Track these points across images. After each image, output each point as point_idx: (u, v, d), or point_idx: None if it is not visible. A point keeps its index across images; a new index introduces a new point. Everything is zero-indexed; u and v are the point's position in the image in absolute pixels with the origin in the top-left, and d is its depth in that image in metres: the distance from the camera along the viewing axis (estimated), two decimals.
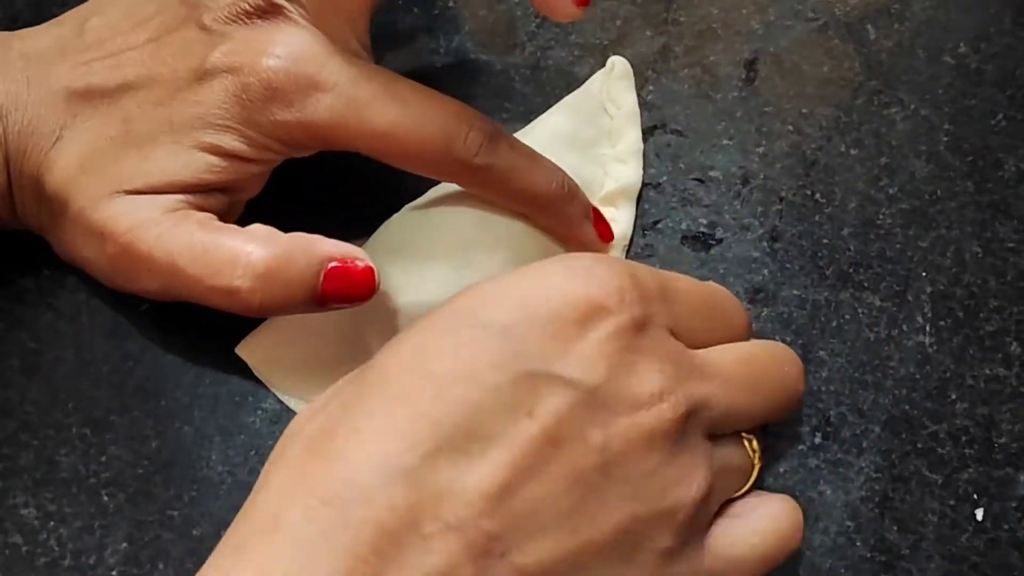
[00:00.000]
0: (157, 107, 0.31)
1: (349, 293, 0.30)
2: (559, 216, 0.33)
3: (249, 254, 0.29)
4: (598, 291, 0.25)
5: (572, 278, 0.26)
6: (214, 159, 0.31)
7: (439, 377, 0.24)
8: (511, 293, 0.26)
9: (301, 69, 0.30)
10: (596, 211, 0.35)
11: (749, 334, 0.31)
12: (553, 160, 0.36)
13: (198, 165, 0.31)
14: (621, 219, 0.36)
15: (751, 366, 0.29)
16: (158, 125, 0.31)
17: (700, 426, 0.26)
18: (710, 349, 0.28)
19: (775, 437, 0.33)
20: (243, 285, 0.29)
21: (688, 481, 0.25)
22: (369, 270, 0.30)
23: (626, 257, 0.36)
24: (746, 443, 0.28)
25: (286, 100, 0.30)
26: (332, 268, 0.30)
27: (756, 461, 0.29)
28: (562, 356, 0.25)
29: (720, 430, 0.27)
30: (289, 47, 0.30)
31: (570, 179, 0.33)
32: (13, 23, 0.40)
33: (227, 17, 0.31)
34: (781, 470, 0.33)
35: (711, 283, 0.30)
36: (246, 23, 0.31)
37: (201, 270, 0.30)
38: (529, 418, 0.24)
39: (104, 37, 0.32)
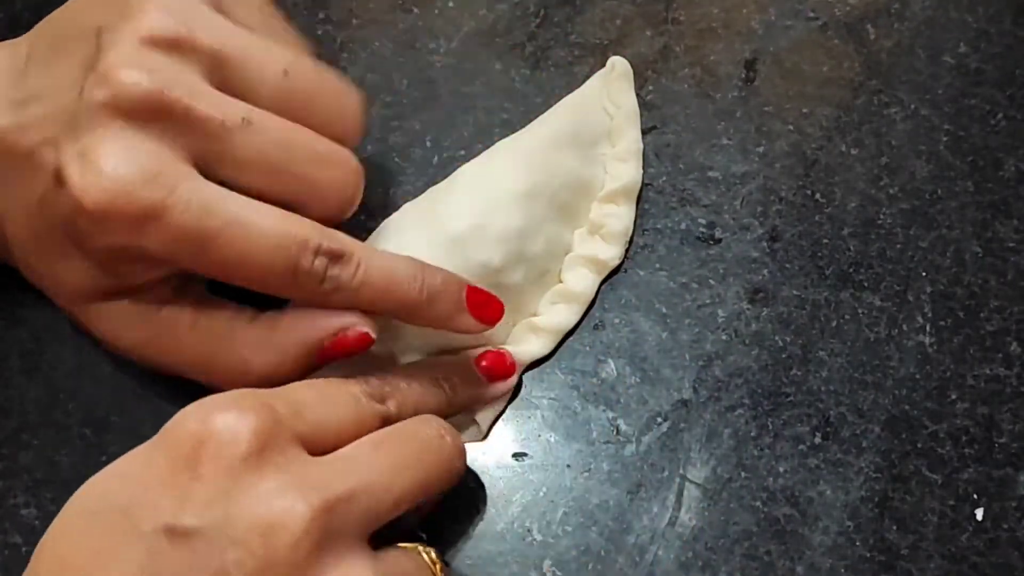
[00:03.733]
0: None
1: (344, 356, 0.30)
2: (429, 319, 0.31)
3: (247, 362, 0.30)
4: (197, 431, 0.25)
5: (175, 425, 0.26)
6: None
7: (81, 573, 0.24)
8: (113, 471, 0.26)
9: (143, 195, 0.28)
10: (472, 290, 0.32)
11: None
12: (553, 160, 0.36)
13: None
14: (621, 218, 0.36)
15: (387, 446, 0.27)
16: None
17: (350, 532, 0.25)
18: (345, 448, 0.27)
19: (775, 437, 0.33)
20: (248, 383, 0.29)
21: None
22: (361, 337, 0.30)
23: (625, 257, 0.36)
24: (423, 554, 0.28)
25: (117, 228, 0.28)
26: (327, 346, 0.30)
27: (438, 572, 0.28)
28: (180, 505, 0.24)
29: (380, 526, 0.26)
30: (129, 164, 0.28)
31: (431, 277, 0.31)
32: (13, 23, 0.40)
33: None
34: (781, 470, 0.33)
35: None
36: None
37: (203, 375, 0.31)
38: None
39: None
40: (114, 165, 0.27)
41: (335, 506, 0.24)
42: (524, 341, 0.35)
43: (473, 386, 0.32)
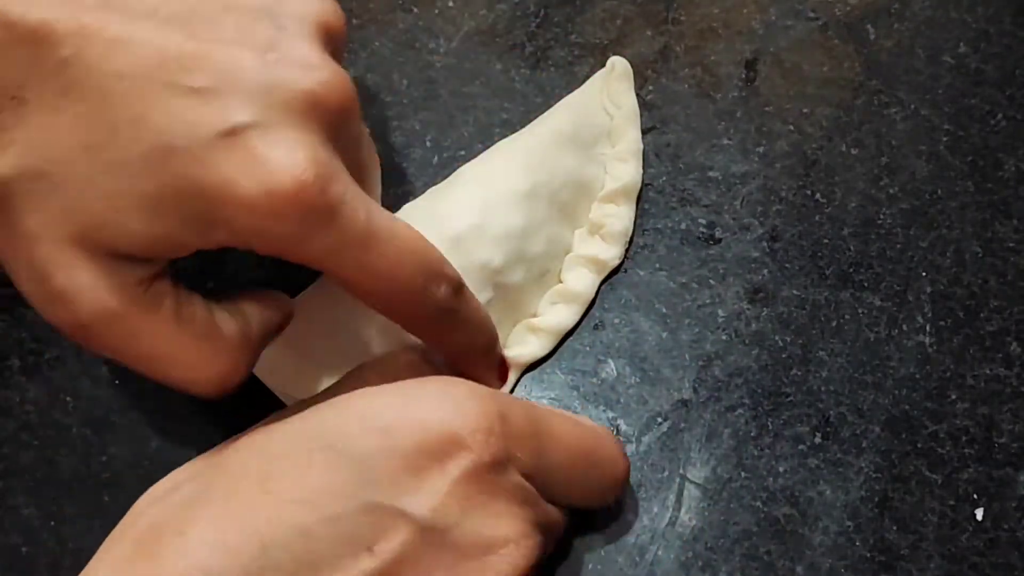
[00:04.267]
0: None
1: None
2: (477, 366, 0.32)
3: (210, 364, 0.27)
4: (463, 426, 0.25)
5: (439, 409, 0.25)
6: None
7: (278, 497, 0.23)
8: (374, 420, 0.25)
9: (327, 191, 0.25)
10: (502, 358, 0.34)
11: (626, 481, 0.30)
12: (553, 160, 0.36)
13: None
14: (621, 218, 0.36)
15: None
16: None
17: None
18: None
19: (775, 437, 0.33)
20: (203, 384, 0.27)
21: None
22: None
23: (625, 257, 0.36)
24: None
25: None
26: None
27: None
28: (413, 491, 0.24)
29: None
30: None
31: (495, 335, 0.32)
32: None
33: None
34: (781, 470, 0.33)
35: (595, 428, 0.30)
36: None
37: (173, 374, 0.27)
38: (368, 554, 0.23)
39: None
40: (308, 154, 0.24)
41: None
42: (524, 341, 0.35)
43: None
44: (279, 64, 0.25)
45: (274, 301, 0.30)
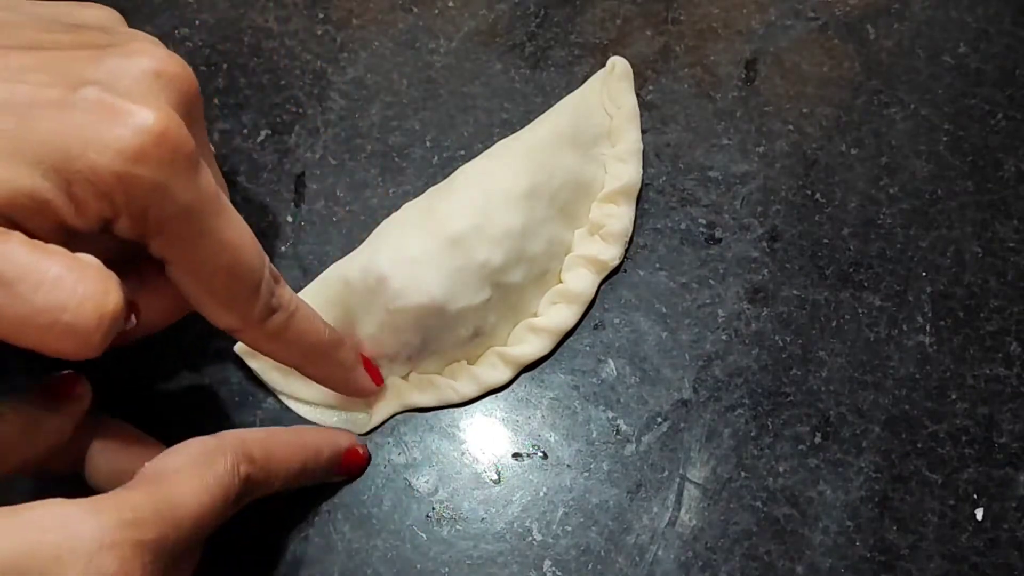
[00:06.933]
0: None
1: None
2: (333, 363, 0.32)
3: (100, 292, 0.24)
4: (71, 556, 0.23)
5: (41, 538, 0.23)
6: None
7: None
8: None
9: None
10: (365, 359, 0.34)
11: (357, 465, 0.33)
12: (553, 160, 0.36)
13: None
14: (621, 218, 0.36)
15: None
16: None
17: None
18: None
19: (775, 437, 0.33)
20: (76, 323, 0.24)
21: None
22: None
23: (625, 257, 0.36)
24: None
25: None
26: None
27: None
28: None
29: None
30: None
31: (332, 328, 0.32)
32: None
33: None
34: (781, 470, 0.33)
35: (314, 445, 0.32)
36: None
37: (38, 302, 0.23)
38: None
39: None
40: (164, 107, 0.25)
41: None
42: (524, 341, 0.35)
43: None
44: (117, 52, 0.26)
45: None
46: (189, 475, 0.26)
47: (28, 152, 0.23)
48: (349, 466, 0.33)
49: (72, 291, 0.23)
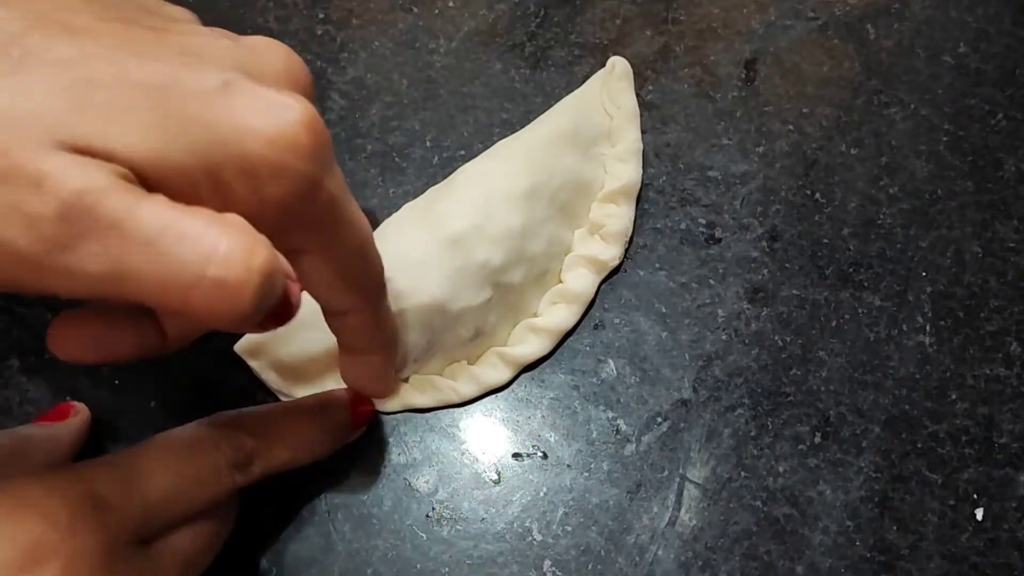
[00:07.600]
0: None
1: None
2: (394, 356, 0.33)
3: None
4: (41, 535, 0.24)
5: (8, 523, 0.24)
6: None
7: None
8: None
9: None
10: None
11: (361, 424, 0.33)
12: (553, 160, 0.36)
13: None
14: (621, 218, 0.36)
15: None
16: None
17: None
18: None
19: (775, 437, 0.33)
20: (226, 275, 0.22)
21: None
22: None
23: (625, 257, 0.36)
24: None
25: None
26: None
27: None
28: None
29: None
30: None
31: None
32: None
33: None
34: (781, 470, 0.33)
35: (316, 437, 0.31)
36: None
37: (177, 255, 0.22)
38: None
39: None
40: (303, 100, 0.25)
41: None
42: (524, 341, 0.35)
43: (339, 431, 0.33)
44: (252, 43, 0.26)
45: None
46: (162, 452, 0.28)
47: (180, 132, 0.23)
48: (359, 414, 0.33)
49: (216, 243, 0.22)
